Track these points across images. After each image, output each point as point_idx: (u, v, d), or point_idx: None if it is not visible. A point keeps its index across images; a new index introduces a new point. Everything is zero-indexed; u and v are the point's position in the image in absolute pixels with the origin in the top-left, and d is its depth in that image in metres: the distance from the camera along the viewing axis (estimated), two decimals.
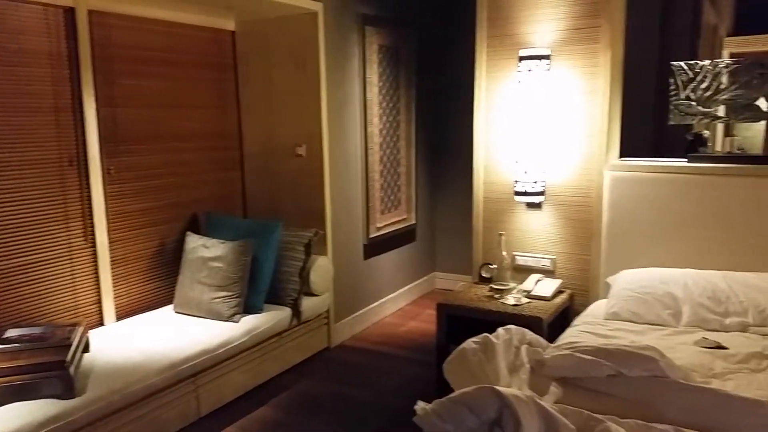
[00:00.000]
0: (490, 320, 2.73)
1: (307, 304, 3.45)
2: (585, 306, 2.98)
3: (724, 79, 2.78)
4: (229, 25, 3.72)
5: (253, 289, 3.22)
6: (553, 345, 2.03)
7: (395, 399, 3.07)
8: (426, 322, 4.15)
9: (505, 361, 1.93)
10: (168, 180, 3.42)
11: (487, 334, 2.01)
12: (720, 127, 7.21)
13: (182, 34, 3.44)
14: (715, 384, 2.05)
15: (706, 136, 5.16)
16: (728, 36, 7.29)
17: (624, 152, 3.17)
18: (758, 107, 2.75)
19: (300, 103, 3.60)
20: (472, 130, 3.34)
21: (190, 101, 3.52)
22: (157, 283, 3.39)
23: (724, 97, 2.79)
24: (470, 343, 1.99)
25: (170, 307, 3.30)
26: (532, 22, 3.06)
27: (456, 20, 4.42)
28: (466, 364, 1.93)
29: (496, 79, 3.20)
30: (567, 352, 1.91)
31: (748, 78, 2.75)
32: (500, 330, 2.05)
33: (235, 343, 2.98)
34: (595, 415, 1.63)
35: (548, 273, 3.19)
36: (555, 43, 3.01)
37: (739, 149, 7.18)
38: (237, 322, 3.08)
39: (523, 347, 2.01)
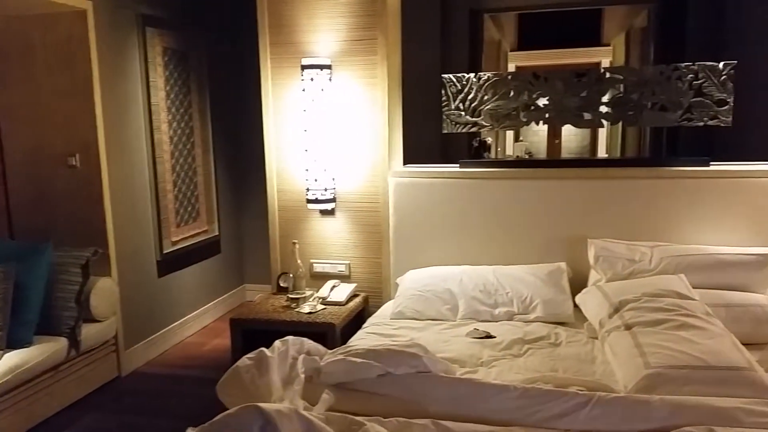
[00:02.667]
0: (287, 331, 2.69)
1: (89, 331, 3.13)
2: (379, 307, 3.07)
3: (488, 90, 3.05)
4: None
5: (17, 320, 2.84)
6: (330, 351, 2.05)
7: (191, 424, 2.89)
8: None
9: (280, 374, 1.90)
10: None
11: (262, 349, 1.97)
12: (510, 133, 7.95)
13: None
14: (482, 371, 2.22)
15: (489, 142, 5.69)
16: (512, 51, 8.11)
17: (414, 158, 3.35)
18: (516, 116, 3.06)
19: (71, 109, 3.25)
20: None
21: None
22: None
23: (488, 107, 3.06)
24: (244, 360, 1.93)
25: None
26: (313, 31, 3.09)
27: (247, 25, 4.34)
28: (239, 382, 1.86)
29: (282, 86, 3.18)
30: (340, 357, 1.93)
31: (506, 90, 3.04)
32: (276, 343, 2.01)
33: None
34: (357, 418, 1.66)
35: (344, 278, 3.25)
36: (336, 53, 3.08)
37: (527, 153, 8.00)
38: None
39: (301, 357, 1.99)
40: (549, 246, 2.99)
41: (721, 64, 2.80)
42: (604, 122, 2.98)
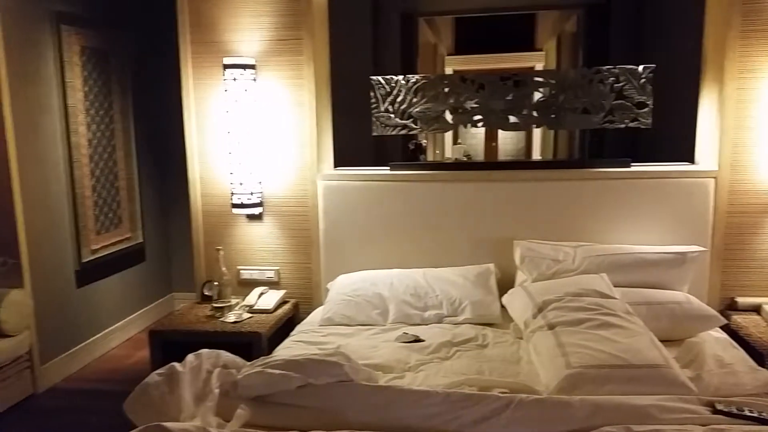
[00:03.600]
0: (212, 342, 2.58)
1: None
2: (310, 314, 3.00)
3: (416, 93, 3.02)
4: None
5: None
6: (248, 364, 1.97)
7: None
8: None
9: (192, 389, 1.80)
10: None
11: (174, 364, 1.87)
12: (449, 136, 8.00)
13: None
14: (409, 376, 2.19)
15: (425, 145, 5.70)
16: (450, 55, 8.17)
17: (349, 161, 3.29)
18: (445, 119, 3.05)
19: None
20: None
21: None
22: None
23: (417, 109, 3.04)
24: (154, 376, 1.82)
25: None
26: (236, 30, 2.99)
27: (171, 23, 4.18)
28: (148, 400, 1.76)
29: (204, 86, 3.06)
30: (258, 369, 1.85)
31: (434, 93, 3.03)
32: (189, 357, 1.92)
33: None
34: None
35: (273, 285, 3.16)
36: (261, 53, 2.99)
37: (465, 155, 8.07)
38: None
39: (216, 371, 1.91)
40: (478, 248, 3.00)
41: (640, 68, 2.88)
42: (531, 125, 3.01)
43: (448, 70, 7.57)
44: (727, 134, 2.75)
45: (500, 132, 5.48)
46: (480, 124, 3.05)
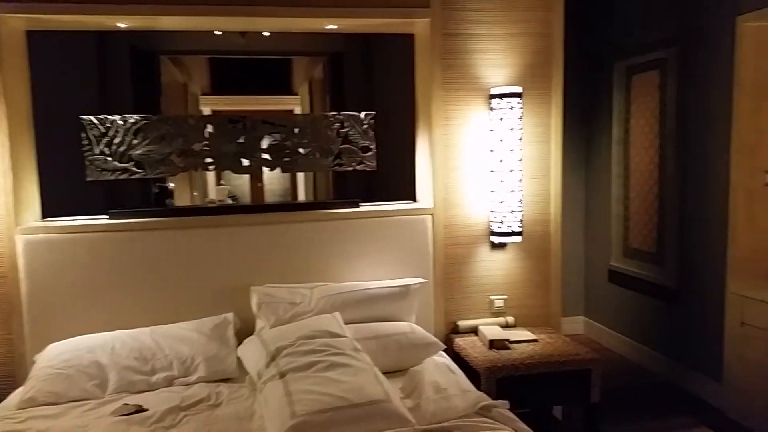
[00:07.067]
0: None
1: None
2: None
3: (137, 134, 2.79)
4: None
5: None
6: None
7: None
8: None
9: None
10: None
11: None
12: (211, 177, 7.63)
13: None
14: None
15: (171, 188, 5.37)
16: (205, 95, 7.91)
17: (74, 209, 2.88)
18: (173, 161, 2.86)
19: None
20: None
21: None
22: None
23: (138, 152, 2.80)
24: None
25: None
26: None
27: None
28: None
29: None
30: None
31: (158, 134, 2.83)
32: None
33: None
34: None
35: None
36: None
37: (230, 197, 7.77)
38: None
39: None
40: (218, 297, 2.83)
41: (362, 114, 3.04)
42: (265, 168, 2.97)
43: (206, 111, 7.34)
44: (438, 174, 3.03)
45: (267, 173, 5.41)
46: (212, 168, 2.93)
